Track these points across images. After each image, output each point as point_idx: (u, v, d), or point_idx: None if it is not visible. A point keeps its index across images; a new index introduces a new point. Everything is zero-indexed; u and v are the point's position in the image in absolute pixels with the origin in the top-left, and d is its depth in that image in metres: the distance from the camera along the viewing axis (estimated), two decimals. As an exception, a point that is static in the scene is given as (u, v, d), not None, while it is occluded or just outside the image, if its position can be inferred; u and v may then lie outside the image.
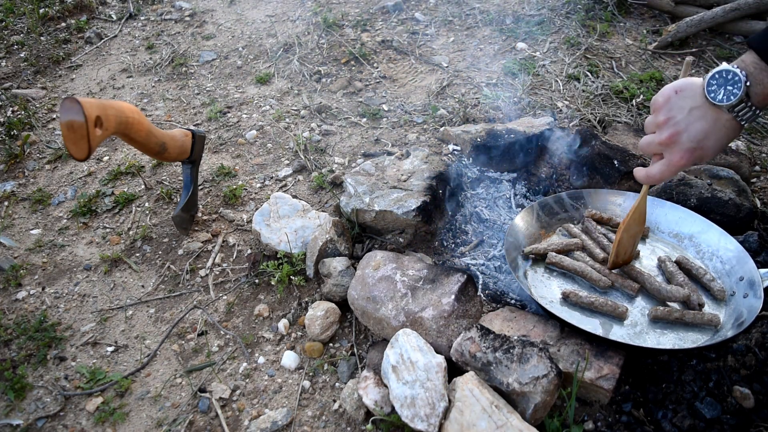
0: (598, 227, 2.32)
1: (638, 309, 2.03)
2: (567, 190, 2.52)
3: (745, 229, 2.30)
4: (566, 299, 2.06)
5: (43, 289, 2.49)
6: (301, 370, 2.10)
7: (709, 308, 2.01)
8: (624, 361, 1.82)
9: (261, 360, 2.14)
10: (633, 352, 1.87)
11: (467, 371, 1.80)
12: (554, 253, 2.21)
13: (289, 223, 2.47)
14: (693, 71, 3.40)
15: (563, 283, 2.17)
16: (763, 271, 1.98)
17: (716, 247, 2.17)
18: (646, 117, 2.98)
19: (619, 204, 2.43)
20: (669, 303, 2.02)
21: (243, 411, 1.99)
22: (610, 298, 2.05)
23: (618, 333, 1.95)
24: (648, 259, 2.24)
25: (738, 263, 2.07)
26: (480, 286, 2.20)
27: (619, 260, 2.12)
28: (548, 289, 2.14)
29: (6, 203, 2.95)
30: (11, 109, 3.58)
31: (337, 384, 2.04)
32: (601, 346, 1.86)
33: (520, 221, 2.32)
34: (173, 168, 3.06)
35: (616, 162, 2.56)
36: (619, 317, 1.99)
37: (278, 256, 2.39)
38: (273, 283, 2.34)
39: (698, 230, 2.24)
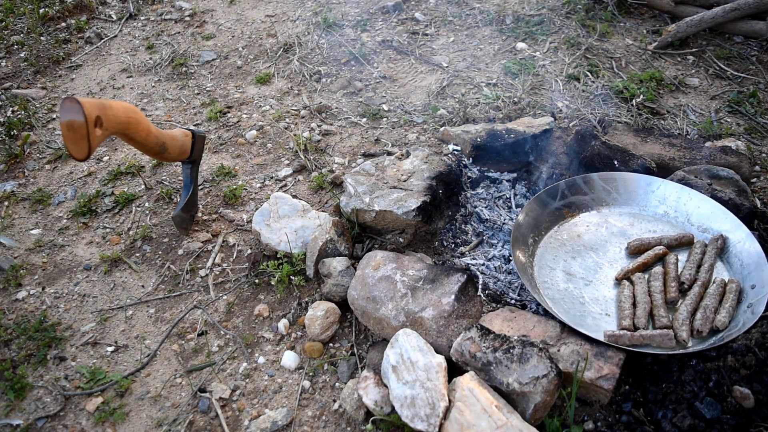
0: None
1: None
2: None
3: (745, 228, 2.30)
4: None
5: (43, 289, 2.49)
6: (301, 370, 2.10)
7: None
8: (624, 361, 1.82)
9: (261, 360, 2.14)
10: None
11: (467, 371, 1.80)
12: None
13: (289, 223, 2.47)
14: (692, 71, 3.40)
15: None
16: None
17: (740, 249, 2.15)
18: (646, 117, 3.00)
19: (613, 187, 2.46)
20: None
21: (243, 411, 1.99)
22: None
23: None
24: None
25: (756, 269, 2.05)
26: (480, 286, 2.20)
27: None
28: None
29: (6, 203, 2.95)
30: (11, 109, 3.58)
31: (337, 384, 2.04)
32: (602, 345, 1.86)
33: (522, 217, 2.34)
34: (173, 168, 3.06)
35: (616, 162, 2.56)
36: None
37: (278, 256, 2.39)
38: (273, 283, 2.34)
39: (727, 228, 2.22)
